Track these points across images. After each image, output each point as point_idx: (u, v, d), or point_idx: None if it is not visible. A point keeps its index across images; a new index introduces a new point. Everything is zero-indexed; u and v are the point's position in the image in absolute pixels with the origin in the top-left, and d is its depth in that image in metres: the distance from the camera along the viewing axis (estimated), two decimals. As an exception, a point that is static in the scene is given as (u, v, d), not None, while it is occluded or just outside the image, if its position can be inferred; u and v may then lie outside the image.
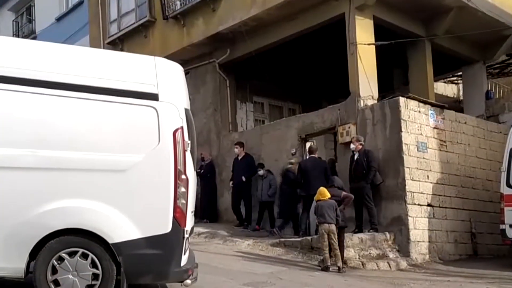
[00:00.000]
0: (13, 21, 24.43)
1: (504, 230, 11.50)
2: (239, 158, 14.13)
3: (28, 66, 5.65)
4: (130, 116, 5.76)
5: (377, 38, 13.08)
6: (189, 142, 5.95)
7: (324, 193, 10.30)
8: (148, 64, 5.96)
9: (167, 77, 5.98)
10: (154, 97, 5.80)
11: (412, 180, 11.70)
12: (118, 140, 5.72)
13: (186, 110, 6.10)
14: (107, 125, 5.73)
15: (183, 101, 6.12)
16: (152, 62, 5.97)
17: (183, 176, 5.74)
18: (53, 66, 5.73)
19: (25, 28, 23.81)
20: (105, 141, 5.70)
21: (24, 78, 5.60)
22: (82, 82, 5.70)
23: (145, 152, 5.71)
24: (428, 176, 12.09)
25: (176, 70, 6.25)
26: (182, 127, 5.83)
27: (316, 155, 12.71)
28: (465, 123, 13.44)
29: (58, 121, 5.67)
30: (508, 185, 11.61)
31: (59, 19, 21.43)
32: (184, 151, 5.78)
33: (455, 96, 19.20)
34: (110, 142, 5.71)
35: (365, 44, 12.83)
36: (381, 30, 13.29)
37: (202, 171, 14.69)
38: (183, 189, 5.72)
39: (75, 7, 20.79)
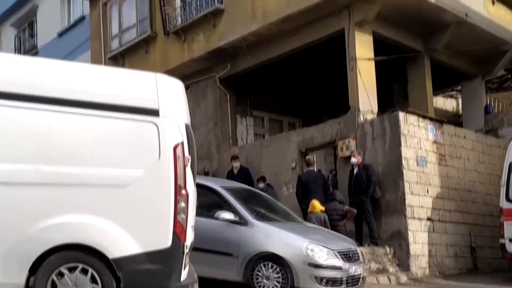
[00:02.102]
0: (15, 36, 24.58)
1: (504, 244, 11.52)
2: (235, 171, 14.16)
3: (29, 83, 5.71)
4: (131, 132, 5.82)
5: (376, 53, 13.18)
6: (189, 157, 6.01)
7: (314, 205, 10.54)
8: (149, 80, 6.02)
9: (167, 93, 6.04)
10: (154, 112, 5.87)
11: (411, 194, 11.74)
12: (119, 155, 5.78)
13: (186, 125, 6.17)
14: (108, 140, 5.78)
15: (184, 116, 6.18)
16: (153, 79, 6.04)
17: (183, 191, 5.79)
18: (54, 82, 5.79)
19: (27, 43, 23.95)
20: (106, 156, 5.75)
21: (27, 94, 5.66)
22: (83, 98, 5.76)
23: (146, 167, 5.76)
24: (427, 190, 12.14)
25: (176, 86, 6.32)
26: (182, 143, 5.89)
27: (314, 168, 12.77)
28: (464, 137, 13.50)
29: (59, 136, 5.72)
30: (508, 199, 11.64)
31: (61, 35, 21.56)
32: (185, 166, 5.84)
33: (454, 111, 19.26)
34: (110, 157, 5.76)
35: (364, 59, 12.93)
36: (380, 45, 13.38)
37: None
38: (183, 204, 5.77)
39: (77, 22, 20.92)
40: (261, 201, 10.35)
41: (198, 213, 8.80)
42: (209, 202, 9.39)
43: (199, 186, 9.41)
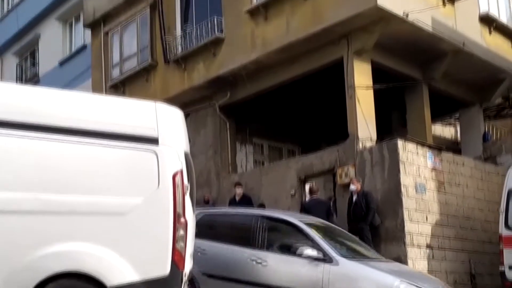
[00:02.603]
0: (17, 64, 24.77)
1: (503, 272, 11.49)
2: (237, 198, 14.20)
3: (28, 111, 5.76)
4: (130, 160, 5.88)
5: (375, 81, 13.31)
6: (189, 185, 6.07)
7: None
8: (148, 109, 6.11)
9: (167, 122, 6.12)
10: (154, 141, 5.94)
11: (410, 221, 11.76)
12: (118, 183, 5.83)
13: (185, 153, 6.23)
14: (107, 168, 5.84)
15: (183, 144, 6.26)
16: (153, 107, 6.12)
17: (182, 219, 5.84)
18: (54, 111, 5.85)
19: (28, 71, 24.13)
20: (105, 184, 5.80)
21: (26, 123, 5.71)
22: (82, 126, 5.82)
23: (145, 195, 5.81)
24: (426, 218, 12.16)
25: (176, 115, 6.40)
26: (181, 171, 5.95)
27: (317, 195, 12.83)
28: (463, 164, 13.55)
29: (57, 164, 5.76)
30: (507, 226, 11.65)
31: (62, 63, 21.75)
32: (184, 194, 5.89)
33: (453, 138, 19.34)
34: (109, 185, 5.80)
35: (363, 87, 13.05)
36: (379, 73, 13.52)
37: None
38: (182, 232, 5.81)
39: (78, 51, 21.12)
40: (339, 235, 9.79)
41: (276, 249, 8.74)
42: (285, 237, 9.10)
43: (275, 220, 9.33)
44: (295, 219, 9.31)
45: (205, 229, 9.05)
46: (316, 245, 8.57)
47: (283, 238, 9.09)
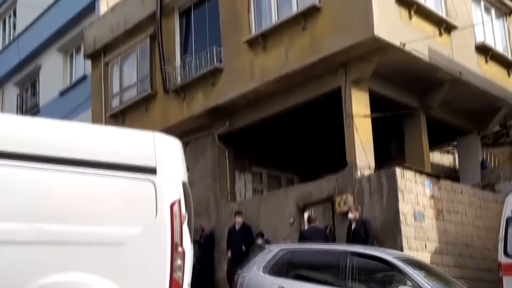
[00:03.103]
0: (17, 95, 24.91)
1: (503, 300, 11.49)
2: (237, 227, 14.22)
3: (26, 142, 5.80)
4: (128, 190, 5.93)
5: (373, 109, 13.42)
6: (186, 214, 6.11)
7: None
8: (146, 139, 6.18)
9: (165, 152, 6.19)
10: (152, 171, 5.99)
11: (409, 249, 11.75)
12: (116, 213, 5.87)
13: (183, 183, 6.29)
14: (105, 198, 5.88)
15: (181, 174, 6.32)
16: (151, 137, 6.19)
17: (180, 249, 5.86)
18: (51, 141, 5.89)
19: (29, 101, 24.26)
20: (103, 214, 5.84)
21: (24, 153, 5.74)
22: (81, 156, 5.87)
23: (142, 225, 5.85)
24: (425, 246, 12.16)
25: (174, 145, 6.47)
26: (179, 200, 6.00)
27: (316, 224, 12.85)
28: (461, 192, 13.59)
29: (55, 195, 5.79)
30: (506, 254, 11.64)
31: (62, 93, 21.88)
32: (181, 223, 5.93)
33: (451, 166, 19.40)
34: (107, 215, 5.84)
35: (361, 116, 13.15)
36: (377, 102, 13.63)
37: (202, 240, 14.77)
38: (179, 262, 5.83)
39: (79, 81, 21.25)
40: (433, 271, 9.44)
41: None
42: (378, 276, 8.74)
43: (367, 257, 8.77)
44: (390, 255, 8.91)
45: (286, 267, 8.84)
46: (416, 284, 8.19)
47: (376, 277, 8.66)
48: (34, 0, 23.60)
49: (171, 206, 5.90)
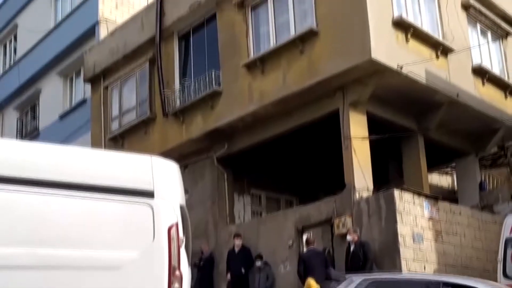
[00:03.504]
0: (17, 119, 25.01)
1: (503, 322, 11.43)
2: (236, 249, 14.22)
3: (24, 166, 5.82)
4: (125, 213, 5.96)
5: (371, 131, 13.48)
6: (184, 238, 6.14)
7: (310, 284, 10.48)
8: (144, 163, 6.23)
9: (162, 175, 6.23)
10: (149, 194, 6.04)
11: (409, 271, 11.73)
12: (113, 237, 5.89)
13: (181, 206, 6.33)
14: (102, 222, 5.90)
15: (178, 197, 6.35)
16: (149, 161, 6.24)
17: (177, 273, 5.88)
18: (48, 165, 5.93)
19: (29, 125, 24.35)
20: (101, 238, 5.86)
21: (22, 177, 5.78)
22: (78, 181, 5.90)
23: (140, 248, 5.87)
24: (424, 267, 12.15)
25: (171, 168, 6.52)
26: (177, 224, 6.03)
27: (314, 246, 12.85)
28: (460, 213, 13.61)
29: (53, 219, 5.80)
30: (505, 275, 11.62)
31: (62, 117, 21.98)
32: (179, 247, 5.96)
33: (450, 187, 19.43)
34: (105, 239, 5.86)
35: (359, 138, 13.21)
36: (375, 124, 13.70)
37: (202, 263, 14.76)
38: (176, 285, 5.84)
39: (78, 105, 21.34)
40: None
41: None
42: None
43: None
44: (484, 285, 8.62)
45: None
46: None
47: None
48: (34, 25, 23.83)
49: (169, 230, 5.93)
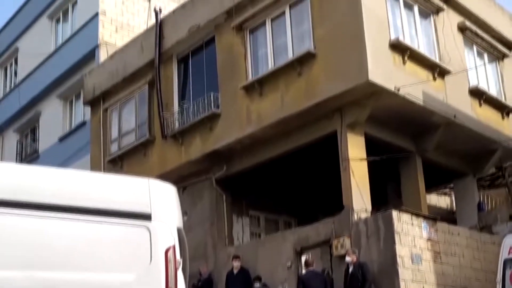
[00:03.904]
0: (17, 141, 25.07)
1: None
2: (235, 271, 14.21)
3: (22, 190, 5.87)
4: (123, 236, 6.00)
5: (369, 153, 13.53)
6: (181, 260, 6.17)
7: None
8: (142, 185, 6.28)
9: (160, 198, 6.28)
10: (147, 217, 6.08)
11: (407, 292, 11.76)
12: (111, 259, 5.92)
13: (178, 229, 6.37)
14: (100, 245, 5.93)
15: (176, 220, 6.40)
16: (146, 184, 6.30)
17: (174, 294, 5.92)
18: (47, 189, 5.98)
19: (28, 148, 24.41)
20: (98, 261, 5.88)
21: (19, 201, 5.83)
22: (76, 204, 5.95)
23: (137, 271, 5.91)
24: (423, 288, 12.16)
25: (169, 191, 6.57)
26: (174, 246, 6.07)
27: (314, 267, 12.86)
28: (458, 234, 13.62)
29: (51, 242, 5.82)
30: (504, 296, 11.65)
31: (62, 139, 22.06)
32: (176, 269, 5.99)
33: (449, 208, 19.45)
34: (102, 262, 5.89)
35: (357, 159, 13.26)
36: (373, 145, 13.75)
37: (200, 284, 14.74)
38: (174, 308, 5.89)
39: (78, 127, 21.43)
40: None
41: None
42: None
43: None
44: None
45: None
46: None
47: None
48: (35, 48, 24.03)
49: (166, 252, 5.97)
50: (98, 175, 7.61)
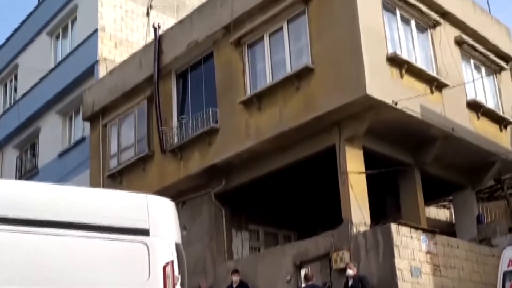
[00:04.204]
0: (17, 157, 25.11)
1: None
2: (234, 286, 14.18)
3: (19, 206, 5.89)
4: (121, 251, 6.02)
5: (367, 166, 13.57)
6: (179, 275, 6.19)
7: None
8: (140, 201, 6.31)
9: (158, 213, 6.31)
10: (145, 232, 6.10)
11: (407, 306, 11.75)
12: (109, 275, 5.93)
13: (177, 244, 6.38)
14: (98, 260, 5.94)
15: (174, 235, 6.42)
16: (144, 200, 6.32)
17: (173, 310, 5.93)
18: (44, 205, 6.00)
19: (28, 163, 24.44)
20: (96, 277, 5.89)
21: (15, 217, 5.84)
22: (74, 220, 5.97)
23: (135, 286, 5.92)
24: (423, 302, 12.15)
25: (167, 206, 6.59)
26: (172, 262, 6.09)
27: (313, 281, 12.85)
28: (458, 247, 13.63)
29: (49, 258, 5.83)
30: (503, 309, 11.65)
31: (61, 155, 22.09)
32: (174, 284, 6.00)
33: (448, 220, 19.46)
34: (100, 277, 5.90)
35: (355, 173, 13.29)
36: (371, 159, 13.79)
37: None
38: (172, 323, 5.90)
39: (77, 143, 21.47)
40: None
41: None
42: None
43: None
44: None
45: None
46: None
47: None
48: (35, 64, 24.13)
49: (164, 268, 5.99)
50: (95, 190, 7.66)
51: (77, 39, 22.64)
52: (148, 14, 22.81)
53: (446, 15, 15.48)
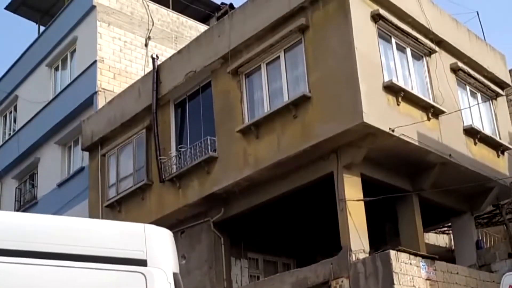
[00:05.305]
0: (16, 188, 25.16)
1: None
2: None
3: (15, 237, 5.89)
4: (118, 282, 5.99)
5: (366, 193, 13.60)
6: (177, 306, 6.18)
7: None
8: (137, 231, 6.30)
9: (156, 243, 6.30)
10: (142, 263, 6.09)
11: (407, 334, 11.70)
12: None
13: (175, 274, 6.37)
14: None
15: (172, 265, 6.40)
16: (141, 229, 6.32)
17: None
18: (38, 236, 5.99)
19: (27, 194, 24.49)
20: None
21: (11, 249, 5.84)
22: (70, 251, 5.94)
23: None
24: (423, 329, 12.10)
25: (165, 236, 6.58)
26: (170, 291, 6.09)
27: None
28: (457, 273, 13.61)
29: None
30: (503, 335, 11.56)
31: (60, 185, 22.15)
32: (172, 315, 6.00)
33: (447, 246, 19.44)
34: None
35: (353, 200, 13.32)
36: (369, 186, 13.85)
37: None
38: None
39: (76, 173, 21.56)
40: None
41: None
42: None
43: None
44: None
45: None
46: None
47: None
48: (34, 96, 24.31)
49: None
50: (91, 220, 7.62)
51: (76, 71, 22.85)
52: (146, 45, 23.07)
53: (442, 43, 15.67)
